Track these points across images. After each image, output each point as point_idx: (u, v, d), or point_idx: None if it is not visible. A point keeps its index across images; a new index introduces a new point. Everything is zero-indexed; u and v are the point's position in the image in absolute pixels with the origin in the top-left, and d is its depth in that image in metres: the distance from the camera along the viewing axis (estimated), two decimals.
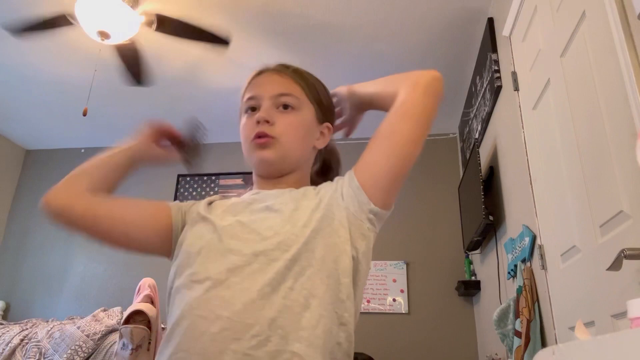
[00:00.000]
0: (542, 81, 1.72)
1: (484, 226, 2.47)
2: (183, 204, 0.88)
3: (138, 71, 2.75)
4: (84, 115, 2.67)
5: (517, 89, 2.03)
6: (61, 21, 2.42)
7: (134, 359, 2.17)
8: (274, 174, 0.87)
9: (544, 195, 1.74)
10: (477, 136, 2.85)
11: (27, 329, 3.01)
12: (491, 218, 2.44)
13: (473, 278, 3.20)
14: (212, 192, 3.98)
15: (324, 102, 0.93)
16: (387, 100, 0.86)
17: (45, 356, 2.71)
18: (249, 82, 0.92)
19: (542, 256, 1.73)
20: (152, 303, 2.40)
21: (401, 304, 3.42)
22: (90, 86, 3.17)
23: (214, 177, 4.03)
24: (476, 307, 3.26)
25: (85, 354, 2.64)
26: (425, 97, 0.84)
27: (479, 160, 2.54)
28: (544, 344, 1.67)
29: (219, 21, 2.62)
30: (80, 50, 2.91)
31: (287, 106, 0.86)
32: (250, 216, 0.80)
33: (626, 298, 0.63)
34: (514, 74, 2.06)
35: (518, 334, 1.75)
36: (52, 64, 3.13)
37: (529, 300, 1.73)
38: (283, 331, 0.68)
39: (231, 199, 0.88)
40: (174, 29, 2.53)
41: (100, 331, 2.75)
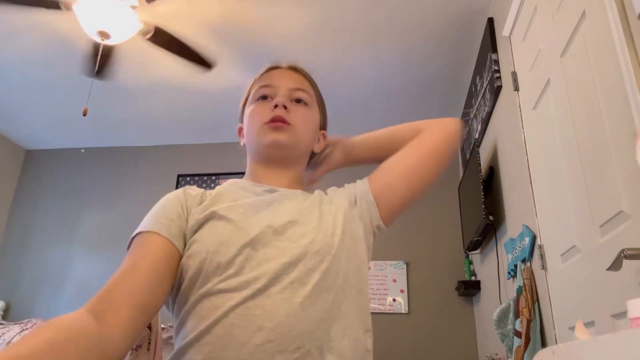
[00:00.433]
0: (542, 81, 1.72)
1: (484, 226, 2.47)
2: (172, 215, 0.76)
3: (104, 64, 2.74)
4: (84, 115, 2.67)
5: (517, 89, 2.03)
6: (50, 3, 2.36)
7: (134, 359, 2.16)
8: (280, 160, 0.87)
9: (544, 195, 1.73)
10: (477, 136, 2.85)
11: (27, 329, 3.01)
12: (491, 218, 2.44)
13: (473, 278, 3.20)
14: None
15: (324, 110, 0.97)
16: (387, 156, 0.91)
17: None
18: (262, 74, 0.94)
19: (542, 256, 1.73)
20: None
21: (401, 304, 3.42)
22: (90, 86, 3.17)
23: (214, 177, 4.03)
24: (476, 307, 3.26)
25: None
26: (456, 144, 0.93)
27: (479, 160, 2.54)
28: (544, 344, 1.67)
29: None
30: (81, 50, 2.91)
31: (300, 100, 0.89)
32: (278, 219, 0.76)
33: (626, 298, 0.63)
34: (514, 74, 2.06)
35: (518, 334, 1.75)
36: (52, 63, 3.13)
37: (529, 300, 1.73)
38: (318, 343, 0.68)
39: (234, 192, 0.82)
40: (166, 43, 2.58)
41: None
